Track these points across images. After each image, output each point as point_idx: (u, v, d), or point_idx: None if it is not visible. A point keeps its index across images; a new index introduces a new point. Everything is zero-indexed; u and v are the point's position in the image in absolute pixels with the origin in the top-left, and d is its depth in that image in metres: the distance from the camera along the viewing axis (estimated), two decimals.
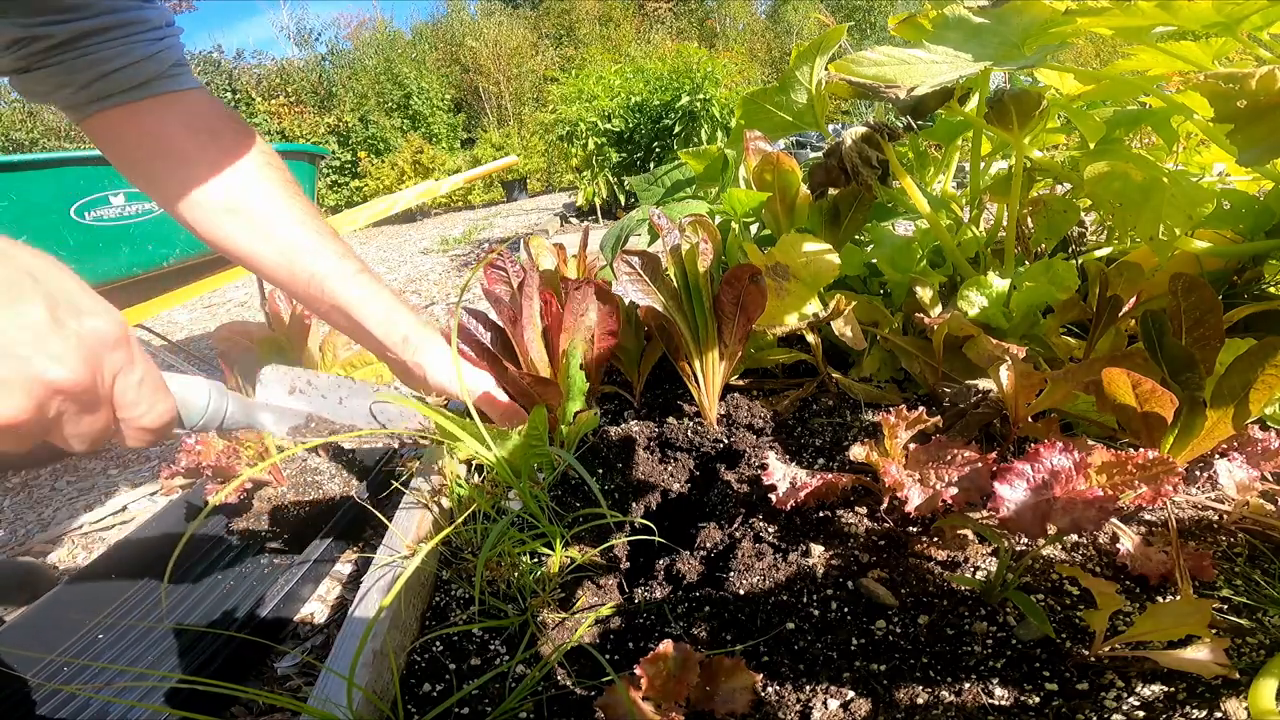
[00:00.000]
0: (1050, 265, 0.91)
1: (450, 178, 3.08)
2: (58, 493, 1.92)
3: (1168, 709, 0.51)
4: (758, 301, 0.86)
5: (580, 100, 6.20)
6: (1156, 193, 0.89)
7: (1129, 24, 0.72)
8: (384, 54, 15.90)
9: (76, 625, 1.01)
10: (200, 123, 0.87)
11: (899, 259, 1.06)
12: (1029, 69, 0.93)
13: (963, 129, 1.24)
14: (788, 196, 1.13)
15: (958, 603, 0.64)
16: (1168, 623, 0.53)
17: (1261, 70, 0.63)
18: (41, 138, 12.22)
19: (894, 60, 0.84)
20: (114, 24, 0.79)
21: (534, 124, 11.50)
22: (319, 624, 1.08)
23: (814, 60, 1.07)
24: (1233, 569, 0.64)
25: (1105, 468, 0.60)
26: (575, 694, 0.63)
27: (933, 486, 0.68)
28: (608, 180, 6.08)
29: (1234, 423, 0.63)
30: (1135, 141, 1.34)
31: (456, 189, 3.65)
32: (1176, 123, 1.13)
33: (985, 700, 0.54)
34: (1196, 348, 0.66)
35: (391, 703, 0.65)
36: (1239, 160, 0.65)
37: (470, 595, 0.78)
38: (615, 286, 0.93)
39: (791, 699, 0.57)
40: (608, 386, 1.17)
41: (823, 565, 0.70)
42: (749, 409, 0.98)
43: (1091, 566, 0.67)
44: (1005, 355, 0.73)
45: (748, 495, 0.81)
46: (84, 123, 0.85)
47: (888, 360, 1.05)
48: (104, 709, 0.84)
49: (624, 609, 0.72)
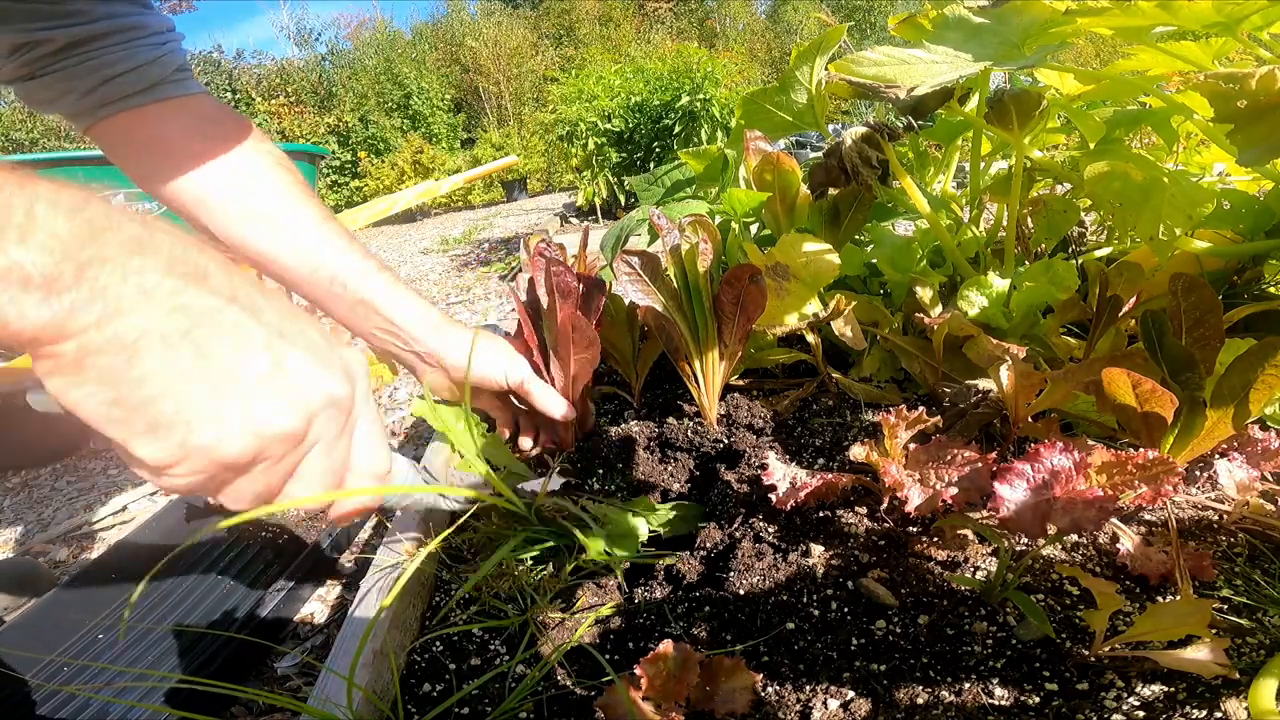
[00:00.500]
0: (1050, 265, 0.91)
1: (450, 178, 3.08)
2: (58, 493, 1.92)
3: (1168, 709, 0.51)
4: (758, 301, 0.86)
5: (580, 100, 6.20)
6: (1156, 193, 0.89)
7: (1129, 24, 0.72)
8: (384, 54, 15.90)
9: (76, 625, 1.01)
10: (208, 126, 0.87)
11: (899, 259, 1.06)
12: (1029, 69, 0.93)
13: (963, 129, 1.24)
14: (788, 196, 1.13)
15: (958, 603, 0.64)
16: (1168, 623, 0.53)
17: (1261, 70, 0.63)
18: (42, 138, 12.21)
19: (894, 60, 0.84)
20: (114, 29, 0.79)
21: (534, 124, 11.50)
22: (319, 624, 1.08)
23: (814, 60, 1.07)
24: (1233, 569, 0.64)
25: (1105, 468, 0.60)
26: (575, 694, 0.63)
27: (933, 486, 0.68)
28: (608, 180, 6.08)
29: (1234, 423, 0.63)
30: (1135, 141, 1.34)
31: (456, 189, 3.65)
32: (1176, 123, 1.13)
33: (985, 700, 0.54)
34: (1196, 348, 0.66)
35: (391, 703, 0.65)
36: (1239, 160, 0.65)
37: (470, 595, 0.78)
38: (615, 286, 0.93)
39: (791, 699, 0.57)
40: (606, 387, 1.17)
41: (823, 565, 0.70)
42: (749, 409, 0.98)
43: (1091, 566, 0.67)
44: (1005, 355, 0.73)
45: (748, 495, 0.81)
46: (90, 130, 0.85)
47: (888, 360, 1.05)
48: (104, 709, 0.84)
49: (624, 609, 0.72)
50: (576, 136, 6.18)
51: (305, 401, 0.41)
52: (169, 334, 0.35)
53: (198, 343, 0.36)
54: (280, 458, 0.40)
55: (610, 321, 1.11)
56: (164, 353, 0.35)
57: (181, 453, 0.36)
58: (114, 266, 0.33)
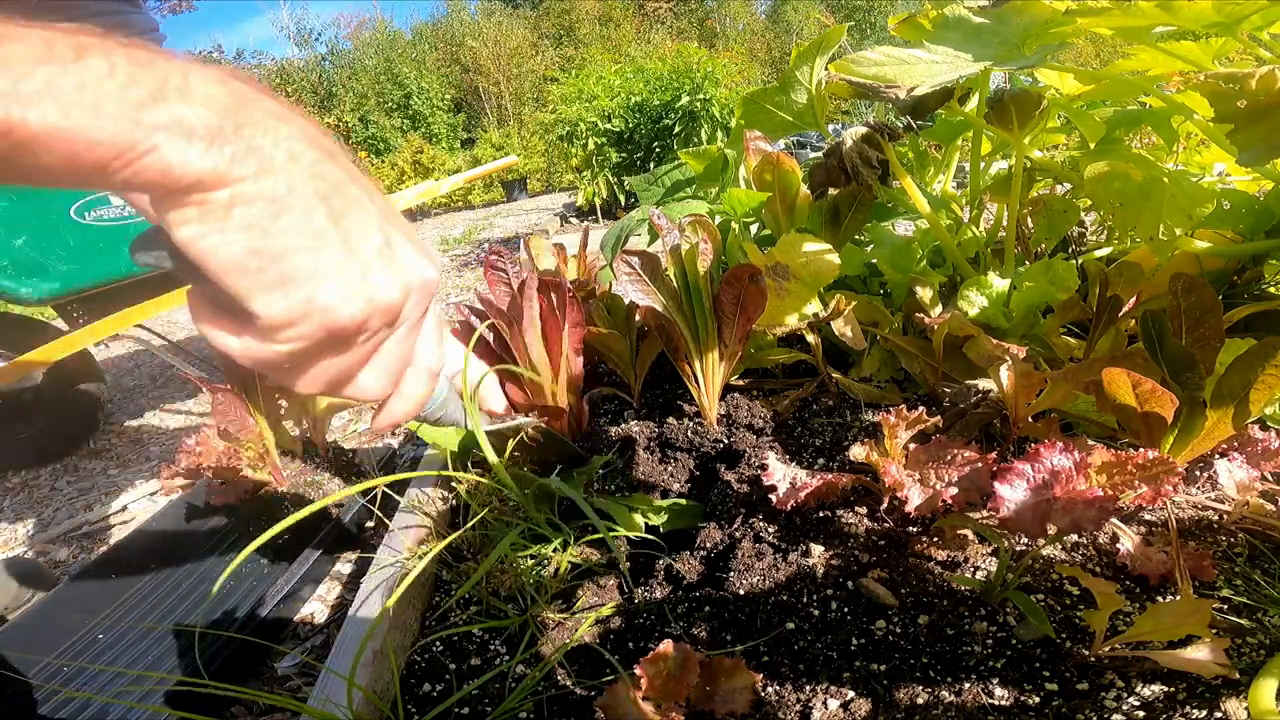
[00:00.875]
0: (1050, 265, 0.91)
1: (450, 178, 3.08)
2: (58, 493, 1.92)
3: (1168, 709, 0.51)
4: (758, 301, 0.86)
5: (580, 100, 6.20)
6: (1156, 193, 0.89)
7: (1129, 24, 0.72)
8: (384, 54, 15.90)
9: (76, 625, 1.01)
10: None
11: (899, 259, 1.06)
12: (1029, 69, 0.93)
13: (963, 129, 1.24)
14: (788, 196, 1.13)
15: (958, 603, 0.64)
16: (1168, 623, 0.53)
17: (1261, 70, 0.63)
18: None
19: (894, 60, 0.84)
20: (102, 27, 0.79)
21: (534, 124, 11.49)
22: (319, 624, 1.08)
23: (814, 60, 1.07)
24: (1233, 569, 0.64)
25: (1105, 468, 0.60)
26: (575, 694, 0.63)
27: (933, 486, 0.68)
28: (608, 180, 6.08)
29: (1234, 423, 0.63)
30: (1135, 141, 1.34)
31: (456, 189, 3.65)
32: (1176, 123, 1.13)
33: (985, 700, 0.54)
34: (1196, 348, 0.66)
35: (391, 703, 0.65)
36: (1239, 160, 0.65)
37: (471, 595, 0.78)
38: (615, 286, 0.93)
39: (791, 699, 0.57)
40: (606, 388, 1.17)
41: (823, 565, 0.70)
42: (749, 409, 0.98)
43: (1091, 566, 0.67)
44: (1005, 355, 0.73)
45: (748, 495, 0.81)
46: None
47: (888, 360, 1.05)
48: (104, 709, 0.84)
49: (624, 609, 0.72)
50: (576, 136, 6.18)
51: (406, 280, 0.43)
52: (310, 196, 0.37)
53: (333, 209, 0.38)
54: (374, 332, 0.43)
55: (608, 321, 1.11)
56: (305, 212, 0.37)
57: (304, 310, 0.38)
58: (265, 130, 0.36)
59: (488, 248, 1.39)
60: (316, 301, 0.38)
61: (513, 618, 0.72)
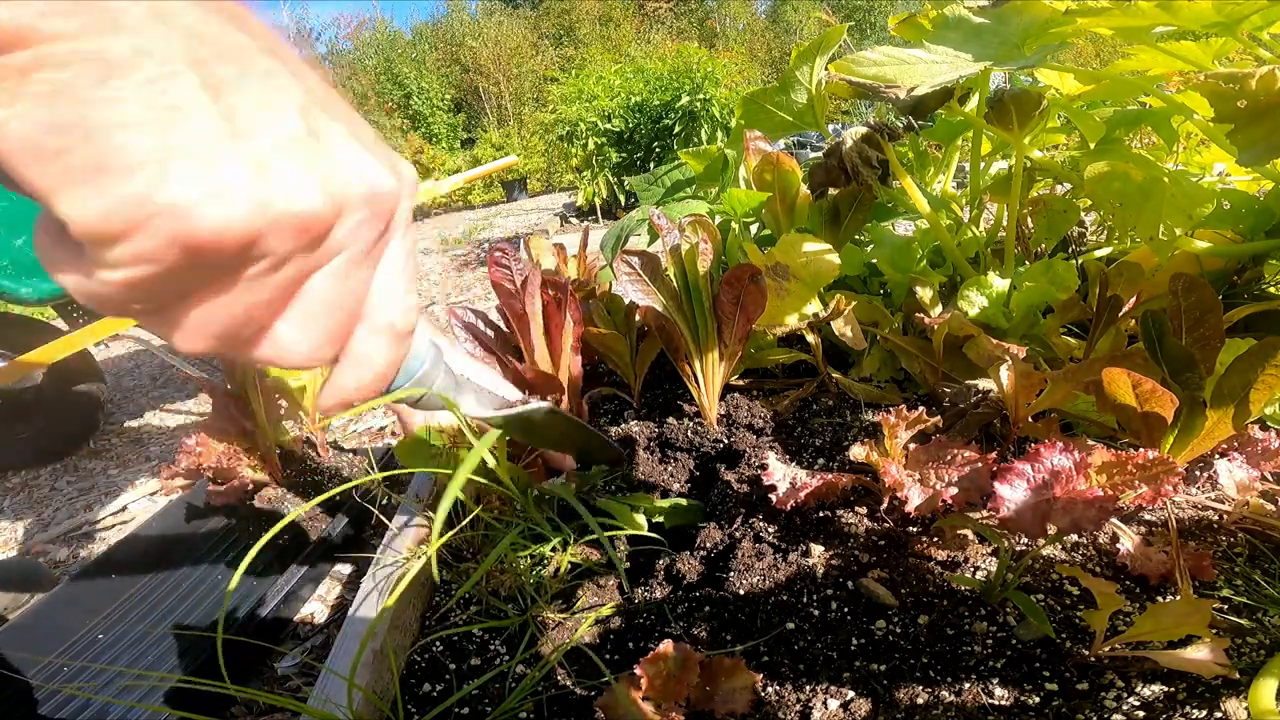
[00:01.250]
0: (1050, 265, 0.91)
1: (450, 178, 3.08)
2: (58, 493, 1.92)
3: (1168, 709, 0.51)
4: (758, 301, 0.86)
5: (580, 100, 6.20)
6: (1156, 193, 0.89)
7: (1129, 24, 0.72)
8: (384, 54, 15.89)
9: (76, 625, 1.01)
10: None
11: (899, 259, 1.06)
12: (1029, 69, 0.93)
13: (963, 129, 1.24)
14: (788, 196, 1.13)
15: (958, 603, 0.64)
16: (1168, 623, 0.53)
17: (1261, 70, 0.63)
18: None
19: (894, 60, 0.84)
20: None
21: (534, 124, 11.49)
22: (319, 624, 1.08)
23: (814, 60, 1.07)
24: (1233, 569, 0.64)
25: (1105, 468, 0.60)
26: (575, 694, 0.63)
27: (933, 486, 0.68)
28: (608, 180, 6.08)
29: (1234, 423, 0.63)
30: (1135, 141, 1.34)
31: (456, 189, 3.65)
32: (1176, 123, 1.13)
33: (985, 700, 0.54)
34: (1196, 348, 0.66)
35: (391, 703, 0.65)
36: (1239, 160, 0.65)
37: (471, 595, 0.78)
38: (615, 286, 0.93)
39: (791, 699, 0.57)
40: (606, 388, 1.17)
41: (823, 565, 0.70)
42: (749, 409, 0.98)
43: (1091, 566, 0.67)
44: (1005, 355, 0.73)
45: (748, 495, 0.81)
46: None
47: (888, 360, 1.05)
48: (104, 709, 0.84)
49: (624, 609, 0.72)
50: (576, 136, 6.18)
51: (341, 185, 0.30)
52: (174, 59, 0.25)
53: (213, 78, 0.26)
54: (281, 261, 0.29)
55: (608, 321, 1.11)
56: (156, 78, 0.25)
57: (135, 211, 0.24)
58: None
59: (488, 248, 1.39)
60: (156, 198, 0.24)
61: (513, 618, 0.72)
